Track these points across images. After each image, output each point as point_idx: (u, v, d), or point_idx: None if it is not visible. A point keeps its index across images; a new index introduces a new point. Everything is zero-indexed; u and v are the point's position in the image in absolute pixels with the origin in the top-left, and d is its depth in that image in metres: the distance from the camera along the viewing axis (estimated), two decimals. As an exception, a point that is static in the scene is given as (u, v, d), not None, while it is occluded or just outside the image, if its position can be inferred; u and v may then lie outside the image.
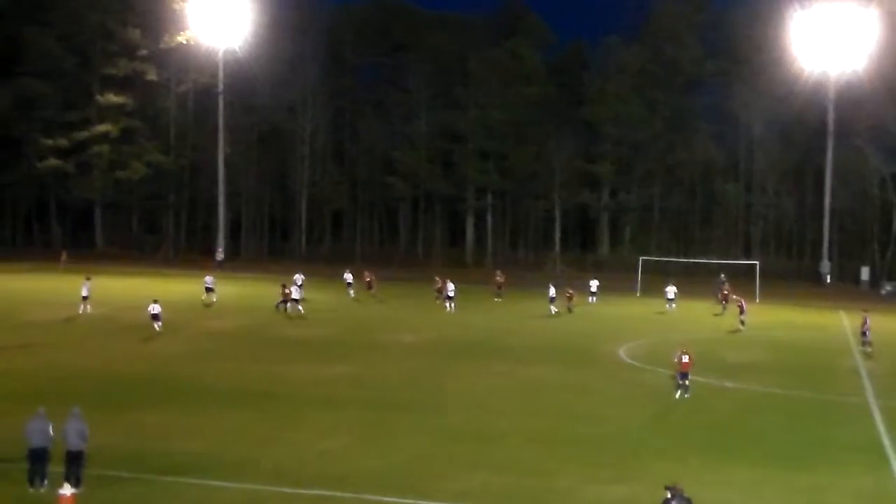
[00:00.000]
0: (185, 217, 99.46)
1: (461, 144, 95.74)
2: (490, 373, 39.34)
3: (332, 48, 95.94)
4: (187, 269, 77.39)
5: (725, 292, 62.76)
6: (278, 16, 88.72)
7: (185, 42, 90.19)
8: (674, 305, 62.08)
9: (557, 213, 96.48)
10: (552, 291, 58.56)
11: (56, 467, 22.59)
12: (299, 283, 57.60)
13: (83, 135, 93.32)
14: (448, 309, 57.24)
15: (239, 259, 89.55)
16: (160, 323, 46.89)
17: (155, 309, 46.99)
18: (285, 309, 54.21)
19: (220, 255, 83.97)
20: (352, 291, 63.28)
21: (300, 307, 54.50)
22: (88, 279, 53.59)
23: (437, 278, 61.52)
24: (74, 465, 22.49)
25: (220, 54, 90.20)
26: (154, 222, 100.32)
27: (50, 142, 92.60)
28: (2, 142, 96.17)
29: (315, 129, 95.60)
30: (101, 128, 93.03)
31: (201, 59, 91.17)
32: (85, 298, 51.93)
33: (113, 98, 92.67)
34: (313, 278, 68.18)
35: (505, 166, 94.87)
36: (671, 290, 62.62)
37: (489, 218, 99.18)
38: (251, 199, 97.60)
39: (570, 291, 59.75)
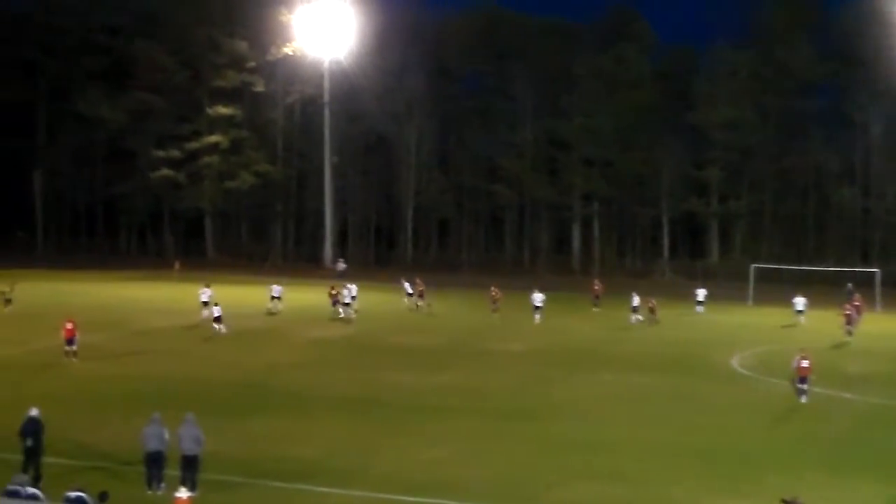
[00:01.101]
0: (292, 226, 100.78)
1: (566, 152, 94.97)
2: (598, 381, 38.82)
3: (437, 56, 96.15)
4: (295, 278, 78.18)
5: (857, 303, 56.90)
6: (383, 25, 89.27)
7: (291, 53, 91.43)
8: (802, 318, 57.24)
9: (665, 220, 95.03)
10: (635, 300, 57.29)
11: (172, 471, 22.96)
12: (353, 294, 57.44)
13: (194, 146, 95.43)
14: (536, 320, 55.85)
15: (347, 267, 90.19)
16: (222, 325, 48.08)
17: (216, 311, 48.59)
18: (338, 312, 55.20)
19: (341, 266, 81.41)
20: (416, 301, 60.95)
21: (352, 310, 55.10)
22: (208, 286, 54.79)
23: (494, 289, 60.16)
24: (189, 470, 22.84)
25: (326, 65, 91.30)
26: (262, 231, 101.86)
27: (162, 153, 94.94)
28: (117, 154, 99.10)
29: (420, 137, 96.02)
30: (211, 139, 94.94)
31: (307, 70, 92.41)
32: (205, 304, 52.95)
33: (222, 110, 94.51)
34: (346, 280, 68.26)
35: (611, 173, 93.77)
36: (800, 302, 57.82)
37: (595, 225, 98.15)
38: (357, 208, 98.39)
39: (653, 302, 57.91)
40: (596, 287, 64.86)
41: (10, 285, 56.37)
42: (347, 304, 56.07)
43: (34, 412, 23.87)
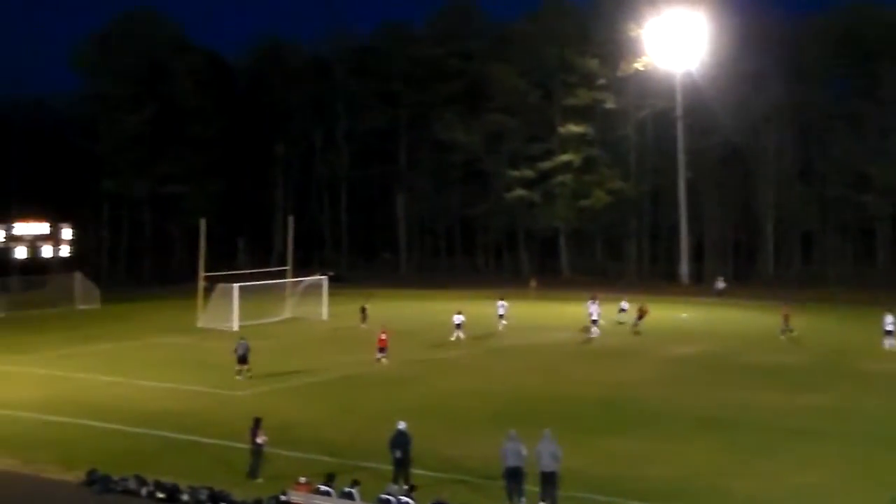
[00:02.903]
0: (646, 243, 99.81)
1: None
2: None
3: (796, 61, 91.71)
4: (650, 295, 77.30)
5: None
6: (737, 32, 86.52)
7: (642, 68, 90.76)
8: None
9: None
10: None
11: (532, 486, 23.05)
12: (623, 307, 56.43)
13: (547, 165, 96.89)
14: (885, 345, 49.93)
15: (703, 283, 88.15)
16: (461, 333, 51.25)
17: (457, 319, 51.79)
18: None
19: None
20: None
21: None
22: (594, 299, 55.91)
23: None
24: (548, 486, 22.89)
25: (678, 77, 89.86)
26: (617, 248, 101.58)
27: (516, 173, 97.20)
28: (473, 175, 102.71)
29: (780, 147, 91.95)
30: (564, 157, 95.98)
31: (659, 84, 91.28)
32: (594, 322, 54.29)
33: (574, 128, 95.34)
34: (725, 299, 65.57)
35: None
36: None
37: None
38: (713, 223, 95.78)
39: None
40: None
41: (367, 301, 60.10)
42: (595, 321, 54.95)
43: (402, 426, 24.87)
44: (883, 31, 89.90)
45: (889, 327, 49.60)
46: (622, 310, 59.98)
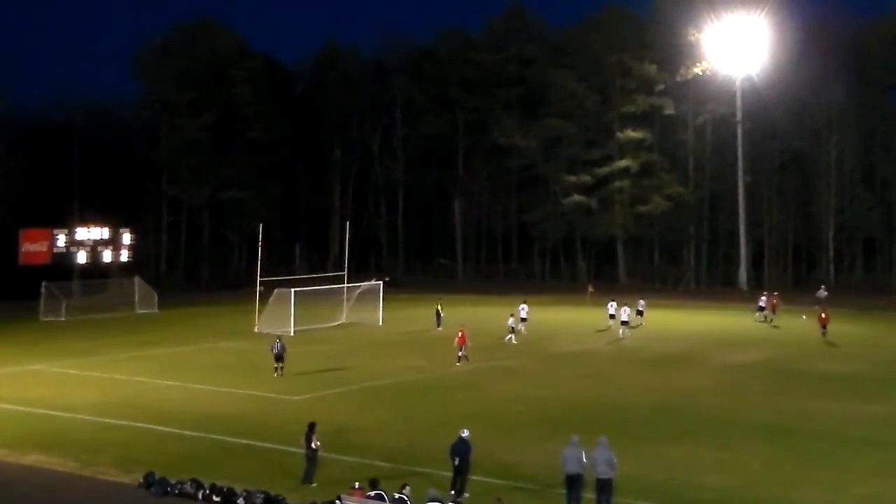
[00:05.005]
0: (705, 248, 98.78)
1: None
2: None
3: (859, 65, 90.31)
4: (709, 301, 76.64)
5: None
6: (798, 36, 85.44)
7: (701, 73, 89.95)
8: None
9: None
10: None
11: (588, 493, 22.87)
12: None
13: (604, 171, 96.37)
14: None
15: (762, 289, 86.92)
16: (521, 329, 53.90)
17: (512, 321, 53.59)
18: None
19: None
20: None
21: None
22: (630, 308, 56.91)
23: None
24: (604, 493, 22.70)
25: (738, 82, 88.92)
26: (674, 254, 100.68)
27: (573, 179, 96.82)
28: (530, 181, 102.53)
29: (842, 152, 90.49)
30: (622, 163, 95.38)
31: (719, 89, 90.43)
32: (624, 323, 56.09)
33: (632, 134, 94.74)
34: (842, 310, 64.53)
35: None
36: None
37: None
38: (773, 228, 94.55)
39: None
40: None
41: (440, 303, 60.39)
42: (625, 322, 56.51)
43: (465, 433, 24.74)
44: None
45: None
46: (639, 312, 61.15)
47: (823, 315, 56.04)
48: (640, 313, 61.55)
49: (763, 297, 64.20)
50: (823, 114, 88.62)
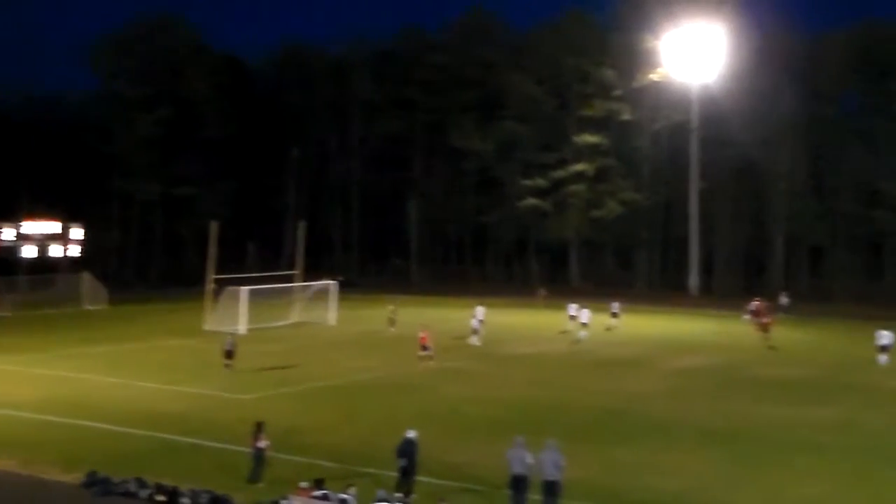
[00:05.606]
0: (657, 253, 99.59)
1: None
2: None
3: (812, 77, 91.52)
4: (660, 305, 77.24)
5: None
6: (753, 47, 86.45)
7: (658, 80, 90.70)
8: None
9: None
10: None
11: (535, 495, 22.94)
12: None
13: (560, 174, 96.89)
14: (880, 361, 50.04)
15: (712, 295, 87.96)
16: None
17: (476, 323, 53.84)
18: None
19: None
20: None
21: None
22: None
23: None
24: (551, 495, 22.76)
25: (694, 90, 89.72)
26: (627, 259, 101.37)
27: (529, 182, 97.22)
28: (486, 184, 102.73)
29: (793, 162, 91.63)
30: (578, 167, 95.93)
31: (675, 96, 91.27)
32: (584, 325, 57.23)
33: (588, 138, 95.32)
34: (789, 316, 65.54)
35: None
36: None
37: None
38: (725, 235, 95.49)
39: None
40: None
41: (395, 305, 60.20)
42: (585, 325, 57.34)
43: (411, 434, 24.71)
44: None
45: (883, 342, 49.31)
46: (613, 314, 62.57)
47: (765, 321, 56.95)
48: (614, 315, 62.48)
49: (755, 303, 64.30)
50: (775, 124, 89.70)
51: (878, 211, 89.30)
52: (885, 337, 49.43)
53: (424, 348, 45.79)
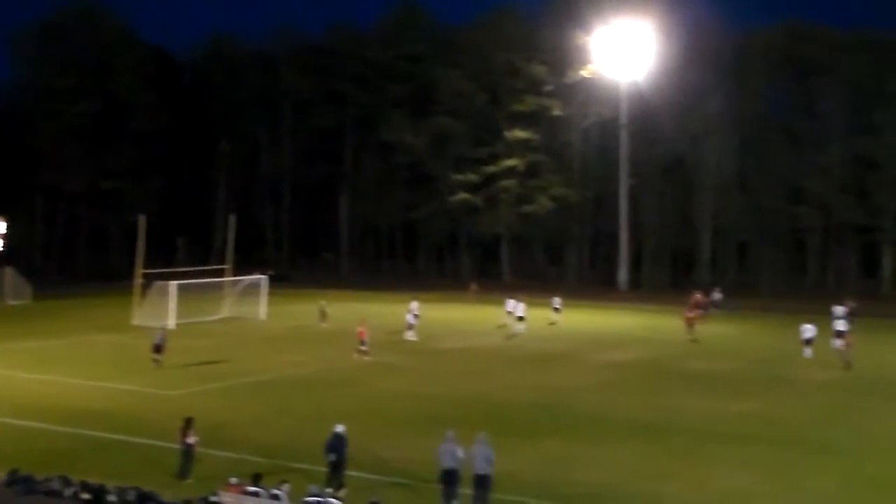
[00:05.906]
0: (587, 249, 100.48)
1: (876, 171, 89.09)
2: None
3: (739, 75, 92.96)
4: (590, 300, 77.87)
5: None
6: (681, 45, 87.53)
7: (588, 76, 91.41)
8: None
9: None
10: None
11: (466, 489, 23.07)
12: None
13: (491, 170, 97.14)
14: (806, 354, 50.73)
15: (641, 290, 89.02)
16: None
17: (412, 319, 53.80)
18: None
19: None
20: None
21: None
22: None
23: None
24: (481, 489, 22.91)
25: (623, 86, 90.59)
26: (557, 254, 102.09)
27: (460, 177, 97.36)
28: (418, 178, 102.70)
29: (719, 158, 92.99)
30: (509, 163, 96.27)
31: (605, 93, 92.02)
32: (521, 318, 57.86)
33: (519, 134, 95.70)
34: (715, 310, 66.70)
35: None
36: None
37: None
38: (653, 231, 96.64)
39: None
40: None
41: (327, 300, 60.02)
42: (521, 318, 57.97)
43: (340, 429, 24.71)
44: (821, 47, 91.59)
45: (808, 335, 50.33)
46: (555, 309, 63.16)
47: (689, 315, 57.85)
48: (556, 310, 63.01)
49: (696, 296, 65.18)
50: (703, 120, 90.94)
51: (802, 207, 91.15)
52: (809, 330, 50.49)
53: (362, 343, 45.82)
